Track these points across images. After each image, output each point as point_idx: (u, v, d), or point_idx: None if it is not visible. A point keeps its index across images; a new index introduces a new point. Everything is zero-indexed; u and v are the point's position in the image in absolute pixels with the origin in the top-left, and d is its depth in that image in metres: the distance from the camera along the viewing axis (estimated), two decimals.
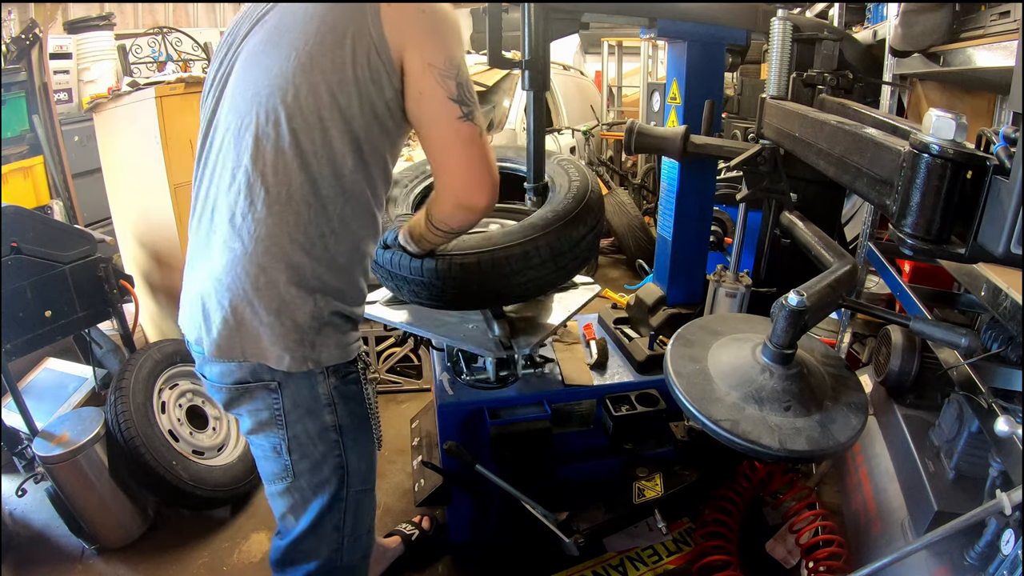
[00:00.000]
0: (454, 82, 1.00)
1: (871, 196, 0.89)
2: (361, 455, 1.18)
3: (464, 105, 1.01)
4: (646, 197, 4.94)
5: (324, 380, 1.08)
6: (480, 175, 1.05)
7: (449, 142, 1.03)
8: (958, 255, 0.76)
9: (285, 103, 0.98)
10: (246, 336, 1.03)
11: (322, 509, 1.15)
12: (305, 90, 0.97)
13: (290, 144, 0.98)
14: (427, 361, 2.84)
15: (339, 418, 1.12)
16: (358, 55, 0.98)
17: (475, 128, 1.02)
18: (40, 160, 3.28)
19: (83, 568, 1.93)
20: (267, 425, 1.10)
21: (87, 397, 2.39)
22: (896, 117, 1.13)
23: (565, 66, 5.52)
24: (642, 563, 1.85)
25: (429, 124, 1.03)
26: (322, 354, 1.07)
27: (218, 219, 1.04)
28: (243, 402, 1.10)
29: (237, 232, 1.01)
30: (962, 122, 0.72)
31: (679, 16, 1.62)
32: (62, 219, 3.15)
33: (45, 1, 3.51)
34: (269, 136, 0.99)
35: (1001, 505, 0.98)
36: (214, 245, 1.04)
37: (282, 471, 1.14)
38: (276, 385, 1.06)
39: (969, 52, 1.63)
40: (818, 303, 1.02)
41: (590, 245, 1.47)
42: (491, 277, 1.34)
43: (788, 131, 1.31)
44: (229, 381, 1.08)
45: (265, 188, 0.99)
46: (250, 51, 1.05)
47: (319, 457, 1.12)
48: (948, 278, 1.86)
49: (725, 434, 0.98)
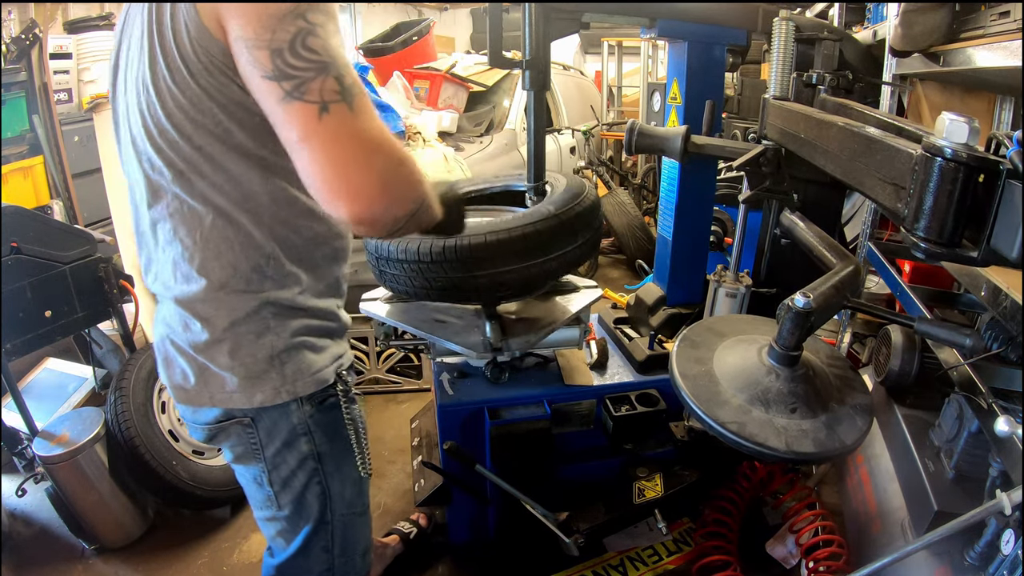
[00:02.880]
0: (267, 52, 0.71)
1: (881, 199, 0.89)
2: (344, 481, 1.12)
3: (286, 79, 0.71)
4: (646, 197, 4.95)
5: (298, 409, 1.00)
6: (345, 174, 0.73)
7: (286, 139, 0.75)
8: (971, 259, 0.76)
9: (154, 145, 0.84)
10: (212, 382, 0.96)
11: (308, 534, 1.12)
12: (164, 121, 0.82)
13: (181, 187, 0.86)
14: (427, 361, 2.84)
15: (317, 446, 1.05)
16: (186, 50, 0.78)
17: (309, 107, 0.71)
18: (40, 160, 3.27)
19: (83, 568, 1.93)
20: (245, 458, 1.06)
21: (87, 397, 2.39)
22: (898, 118, 1.13)
23: (565, 66, 5.52)
24: (642, 563, 1.85)
25: (268, 116, 0.77)
26: (296, 384, 0.98)
27: (149, 267, 0.98)
28: (220, 439, 1.05)
29: (172, 285, 0.94)
30: (975, 126, 0.72)
31: (679, 16, 1.62)
32: (62, 219, 3.14)
33: (45, 1, 3.51)
34: (158, 188, 0.88)
35: (1001, 505, 0.99)
36: (155, 292, 0.98)
37: (265, 500, 1.10)
38: (250, 420, 1.00)
39: (969, 52, 1.63)
40: (824, 304, 1.01)
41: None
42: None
43: (792, 132, 1.30)
44: (203, 421, 1.03)
45: (179, 239, 0.89)
46: (118, 90, 0.92)
47: (300, 487, 1.07)
48: (948, 278, 1.86)
49: (732, 436, 0.98)
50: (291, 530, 1.12)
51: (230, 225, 0.88)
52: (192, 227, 0.89)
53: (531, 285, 1.46)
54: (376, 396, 2.84)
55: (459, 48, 7.46)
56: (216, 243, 0.88)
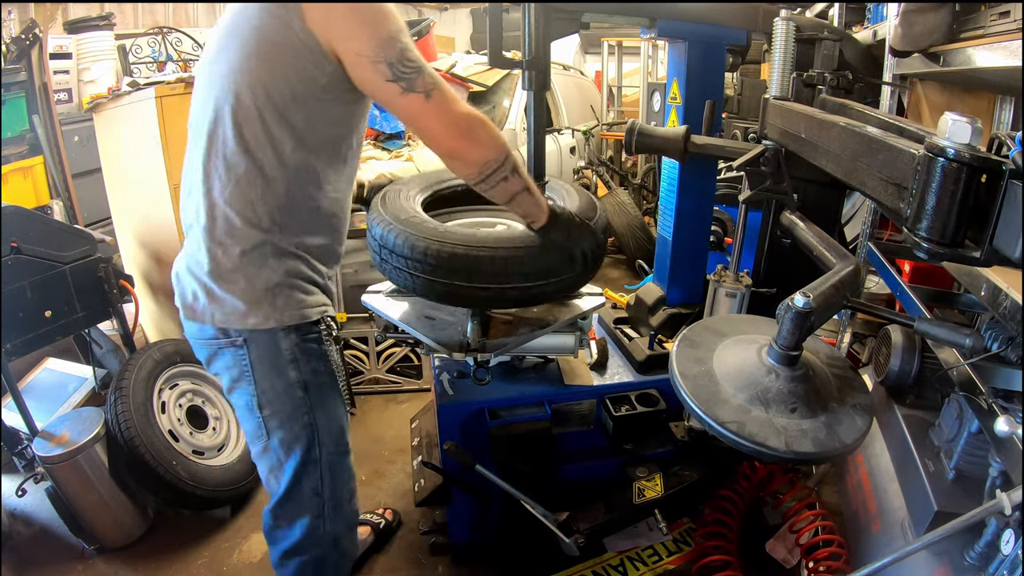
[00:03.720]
0: (385, 64, 1.05)
1: (883, 199, 0.89)
2: (331, 417, 1.28)
3: (401, 79, 1.06)
4: (646, 197, 4.94)
5: (285, 337, 1.19)
6: (450, 132, 1.11)
7: (409, 117, 1.12)
8: (973, 259, 0.76)
9: (229, 102, 1.10)
10: (215, 303, 1.17)
11: (296, 468, 1.26)
12: (245, 90, 1.08)
13: (234, 136, 1.11)
14: (427, 361, 2.84)
15: (302, 374, 1.22)
16: (287, 55, 1.06)
17: (418, 96, 1.07)
18: (40, 160, 3.28)
19: (83, 568, 1.93)
20: (239, 381, 1.22)
21: (87, 397, 2.39)
22: (899, 118, 1.13)
23: (565, 66, 5.52)
24: (642, 563, 1.85)
25: (385, 105, 1.11)
26: (284, 313, 1.18)
27: (189, 205, 1.19)
28: (218, 360, 1.23)
29: (202, 214, 1.16)
30: (977, 126, 0.72)
31: (679, 16, 1.62)
32: (62, 219, 3.15)
33: (45, 1, 3.51)
34: (219, 131, 1.12)
35: (1001, 505, 0.98)
36: (189, 227, 1.21)
37: (257, 428, 1.25)
38: (242, 341, 1.18)
39: (969, 52, 1.63)
40: (824, 304, 1.01)
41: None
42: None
43: (793, 132, 1.30)
44: (204, 337, 1.21)
45: (219, 174, 1.13)
46: (211, 53, 1.16)
47: (288, 414, 1.23)
48: (948, 278, 1.86)
49: (732, 436, 0.98)
50: (279, 464, 1.27)
51: (260, 175, 1.13)
52: (232, 168, 1.13)
53: (528, 303, 1.46)
54: (376, 396, 2.83)
55: (459, 48, 7.45)
56: (245, 185, 1.13)
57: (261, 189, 1.14)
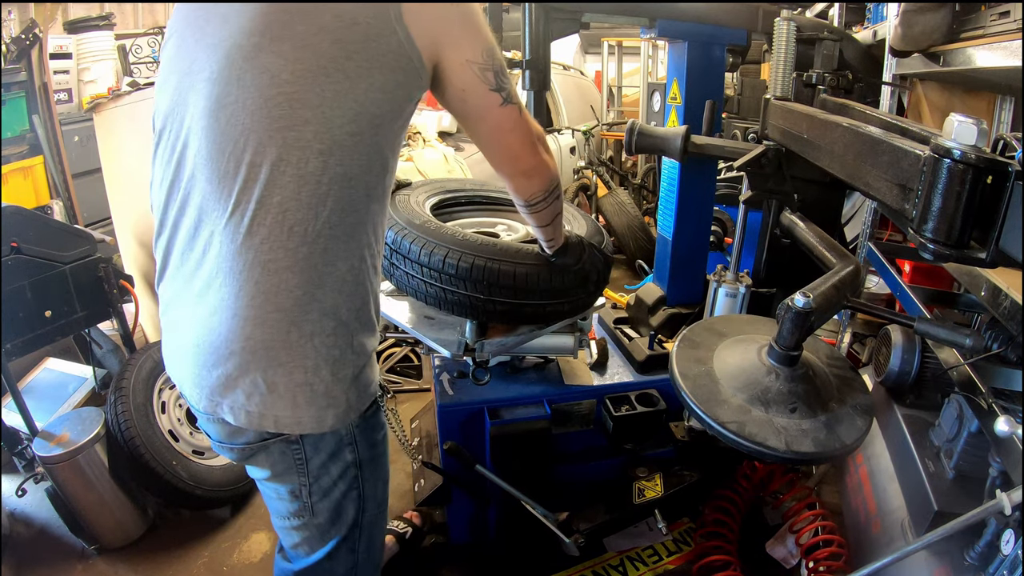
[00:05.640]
0: (492, 72, 0.97)
1: (887, 200, 0.89)
2: (376, 482, 1.12)
3: (502, 90, 0.99)
4: (646, 197, 4.94)
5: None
6: (532, 149, 1.05)
7: (500, 129, 1.02)
8: (979, 260, 0.76)
9: (300, 132, 0.85)
10: (279, 402, 0.91)
11: (339, 540, 1.10)
12: (326, 118, 0.85)
13: (318, 168, 0.85)
14: (427, 361, 2.84)
15: (359, 454, 1.05)
16: (385, 66, 0.88)
17: (515, 107, 1.01)
18: (40, 160, 3.28)
19: (83, 568, 1.93)
20: (285, 474, 1.03)
21: (87, 397, 2.39)
22: (900, 118, 1.13)
23: (565, 66, 5.52)
24: (642, 563, 1.85)
25: (477, 118, 1.01)
26: (363, 401, 1.00)
27: (214, 255, 0.88)
28: (258, 457, 1.02)
29: (252, 274, 0.86)
30: (983, 127, 0.72)
31: (679, 16, 1.62)
32: (62, 219, 3.15)
33: (45, 1, 3.51)
34: (291, 161, 0.84)
35: (1001, 505, 0.99)
36: (210, 285, 0.89)
37: (299, 510, 1.07)
38: (297, 436, 0.97)
39: (969, 52, 1.63)
40: (824, 304, 1.02)
41: None
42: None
43: (795, 132, 1.30)
44: (243, 441, 0.98)
45: (285, 221, 0.85)
46: (222, 61, 0.86)
47: (339, 496, 1.06)
48: (948, 278, 1.87)
49: (732, 436, 0.98)
50: (319, 537, 1.10)
51: (350, 239, 0.93)
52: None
53: (536, 320, 1.47)
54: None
55: None
56: (331, 247, 0.90)
57: (341, 241, 0.91)
